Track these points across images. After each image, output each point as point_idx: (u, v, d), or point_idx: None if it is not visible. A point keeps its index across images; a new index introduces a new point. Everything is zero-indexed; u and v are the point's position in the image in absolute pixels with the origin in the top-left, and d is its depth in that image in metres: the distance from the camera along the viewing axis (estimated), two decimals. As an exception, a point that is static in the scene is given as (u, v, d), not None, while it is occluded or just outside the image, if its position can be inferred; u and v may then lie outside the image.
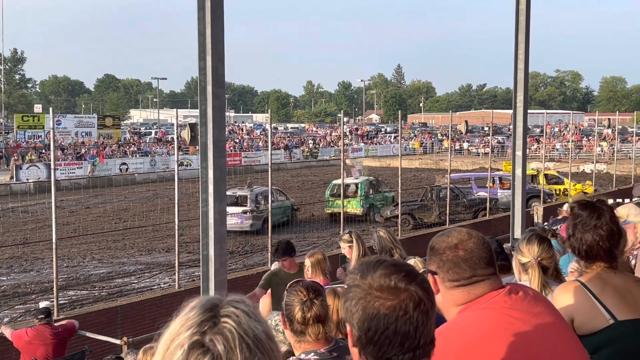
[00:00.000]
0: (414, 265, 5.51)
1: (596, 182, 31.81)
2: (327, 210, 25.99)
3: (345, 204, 24.60)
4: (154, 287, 16.41)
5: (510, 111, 9.95)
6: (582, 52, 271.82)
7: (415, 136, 71.22)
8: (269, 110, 18.56)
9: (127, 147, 53.21)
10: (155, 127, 78.17)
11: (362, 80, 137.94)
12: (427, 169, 50.08)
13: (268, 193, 16.68)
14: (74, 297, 15.63)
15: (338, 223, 20.19)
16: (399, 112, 21.87)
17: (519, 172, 9.76)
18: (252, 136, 67.12)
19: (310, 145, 63.22)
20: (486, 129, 66.52)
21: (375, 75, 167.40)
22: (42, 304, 9.36)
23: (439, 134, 71.42)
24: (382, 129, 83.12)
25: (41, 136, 51.95)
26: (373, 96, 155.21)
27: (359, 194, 25.78)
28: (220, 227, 5.97)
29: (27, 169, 41.42)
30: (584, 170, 42.87)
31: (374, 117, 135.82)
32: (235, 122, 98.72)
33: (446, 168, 28.91)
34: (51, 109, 13.92)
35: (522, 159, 9.76)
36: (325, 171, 47.78)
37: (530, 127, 58.32)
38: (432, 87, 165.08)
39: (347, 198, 24.76)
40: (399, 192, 20.12)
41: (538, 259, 3.53)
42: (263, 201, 23.32)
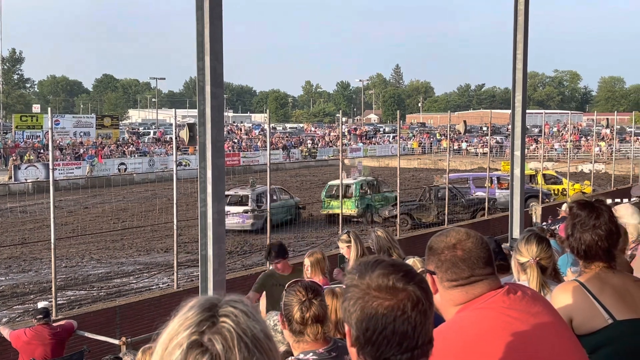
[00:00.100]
0: (412, 265, 5.52)
1: (595, 182, 31.84)
2: (322, 211, 25.97)
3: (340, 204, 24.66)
4: (153, 287, 16.40)
5: (509, 111, 9.96)
6: (580, 52, 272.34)
7: (414, 136, 71.22)
8: (268, 110, 18.61)
9: (126, 147, 53.17)
10: (153, 127, 78.13)
11: (360, 80, 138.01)
12: (426, 169, 50.09)
13: (267, 192, 16.69)
14: (72, 297, 15.62)
15: (336, 223, 20.20)
16: (398, 112, 21.91)
17: (517, 172, 9.77)
18: (250, 136, 67.11)
19: (309, 145, 63.22)
20: (485, 129, 66.56)
21: (373, 75, 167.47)
22: (41, 304, 9.37)
23: (437, 134, 71.47)
24: (381, 129, 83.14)
25: (39, 136, 51.91)
26: (371, 96, 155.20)
27: (353, 194, 25.70)
28: (218, 227, 5.97)
29: (26, 169, 41.39)
30: (582, 170, 42.89)
31: (373, 117, 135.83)
32: (234, 122, 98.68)
33: (445, 168, 28.95)
34: (49, 109, 13.90)
35: (520, 159, 9.77)
36: (324, 171, 47.78)
37: (528, 127, 58.30)
38: (431, 87, 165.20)
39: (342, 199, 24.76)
40: (398, 192, 20.14)
41: (536, 259, 3.53)
42: (265, 200, 23.41)
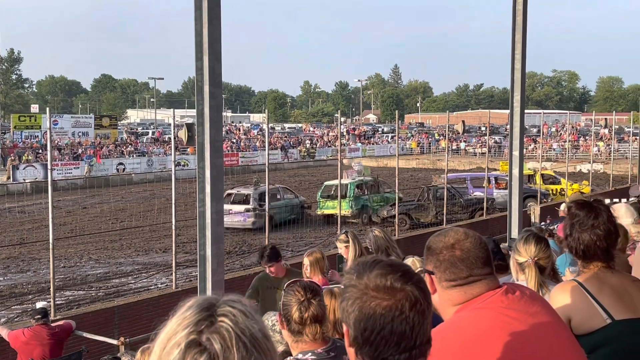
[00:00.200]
0: (412, 264, 5.51)
1: (593, 182, 31.84)
2: (318, 212, 25.92)
3: (335, 205, 24.64)
4: (151, 288, 16.40)
5: (507, 111, 9.98)
6: (579, 52, 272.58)
7: (413, 136, 71.22)
8: (266, 110, 18.61)
9: (124, 147, 53.13)
10: (152, 127, 78.07)
11: (359, 80, 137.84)
12: (424, 169, 50.10)
13: (266, 192, 16.73)
14: (71, 298, 15.61)
15: (334, 224, 20.19)
16: (396, 112, 21.87)
17: (515, 172, 9.78)
18: (249, 136, 67.10)
19: (308, 145, 63.23)
20: (483, 129, 66.62)
21: (372, 75, 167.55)
22: (39, 305, 9.35)
23: (436, 134, 71.45)
24: (379, 129, 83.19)
25: (38, 136, 51.87)
26: (370, 96, 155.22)
27: (347, 195, 25.62)
28: (217, 227, 5.97)
29: (24, 169, 41.35)
30: (580, 170, 42.90)
31: (371, 117, 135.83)
32: (233, 122, 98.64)
33: (443, 168, 28.94)
34: (48, 109, 13.89)
35: (519, 159, 9.78)
36: (323, 171, 47.77)
37: (527, 127, 58.40)
38: (429, 87, 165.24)
39: (336, 199, 24.75)
40: (396, 192, 20.14)
41: (535, 259, 3.53)
42: (268, 199, 23.49)
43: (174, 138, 15.01)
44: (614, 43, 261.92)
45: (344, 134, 67.81)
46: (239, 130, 72.17)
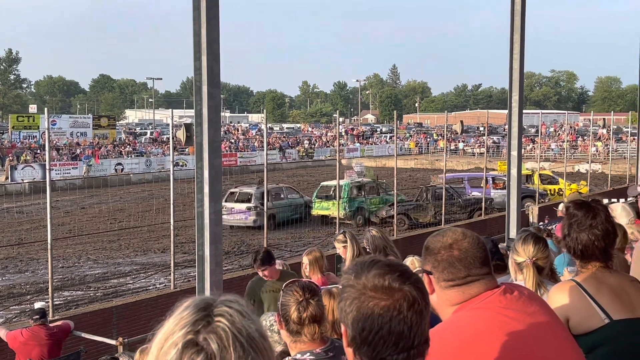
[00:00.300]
0: (411, 264, 5.50)
1: (591, 182, 31.88)
2: (312, 212, 25.76)
3: (329, 206, 24.64)
4: (150, 288, 16.39)
5: (506, 111, 9.96)
6: (577, 52, 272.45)
7: (411, 136, 71.23)
8: (265, 111, 18.59)
9: (123, 148, 53.11)
10: (150, 127, 78.03)
11: (357, 81, 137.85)
12: (423, 169, 50.12)
13: (271, 191, 16.76)
14: (69, 298, 15.60)
15: (332, 224, 20.18)
16: (395, 112, 21.94)
17: (514, 172, 9.78)
18: (247, 136, 67.10)
19: (306, 146, 63.24)
20: (481, 129, 66.67)
21: (370, 75, 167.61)
22: (37, 305, 9.33)
23: (434, 134, 71.48)
24: (378, 129, 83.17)
25: (36, 136, 51.85)
26: (368, 96, 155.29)
27: (342, 196, 25.47)
28: (215, 227, 5.97)
29: (22, 169, 41.33)
30: (579, 170, 42.92)
31: (370, 117, 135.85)
32: (231, 122, 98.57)
33: (441, 168, 28.96)
34: (46, 109, 13.91)
35: (517, 159, 9.78)
36: (321, 171, 47.75)
37: (525, 127, 58.39)
38: (428, 87, 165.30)
39: (330, 200, 24.73)
40: (395, 192, 20.15)
41: (533, 259, 3.53)
42: (270, 198, 23.76)
43: (173, 138, 15.01)
44: (612, 43, 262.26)
45: (343, 134, 67.80)
46: (238, 131, 72.17)
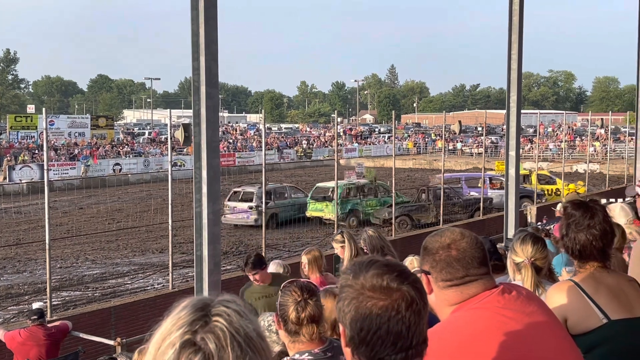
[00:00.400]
0: (411, 264, 5.50)
1: (589, 182, 31.88)
2: (307, 214, 25.33)
3: (322, 207, 24.61)
4: (148, 288, 16.38)
5: (504, 111, 9.98)
6: (575, 53, 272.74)
7: (409, 136, 71.22)
8: (263, 111, 18.57)
9: (121, 148, 53.06)
10: (148, 127, 77.96)
11: (355, 81, 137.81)
12: (421, 169, 50.12)
13: (274, 190, 16.79)
14: (67, 298, 15.59)
15: (329, 225, 20.16)
16: (393, 112, 21.89)
17: (512, 172, 9.79)
18: (245, 136, 67.06)
19: (304, 146, 63.22)
20: (479, 129, 66.66)
21: (369, 75, 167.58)
22: (35, 305, 9.32)
23: (432, 134, 71.46)
24: (376, 129, 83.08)
25: (34, 137, 51.78)
26: (367, 96, 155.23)
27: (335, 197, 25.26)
28: (213, 227, 5.97)
29: (20, 169, 41.28)
30: (577, 170, 42.95)
31: (368, 118, 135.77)
32: (229, 122, 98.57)
33: (440, 168, 28.92)
34: (44, 109, 13.88)
35: (515, 159, 9.79)
36: (319, 171, 47.76)
37: (523, 127, 58.43)
38: (426, 88, 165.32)
39: (324, 202, 24.69)
40: (393, 192, 20.15)
41: (531, 259, 3.53)
42: (273, 198, 24.02)
43: (171, 138, 15.01)
44: (610, 43, 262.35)
45: (341, 134, 67.82)
46: (236, 131, 72.14)
